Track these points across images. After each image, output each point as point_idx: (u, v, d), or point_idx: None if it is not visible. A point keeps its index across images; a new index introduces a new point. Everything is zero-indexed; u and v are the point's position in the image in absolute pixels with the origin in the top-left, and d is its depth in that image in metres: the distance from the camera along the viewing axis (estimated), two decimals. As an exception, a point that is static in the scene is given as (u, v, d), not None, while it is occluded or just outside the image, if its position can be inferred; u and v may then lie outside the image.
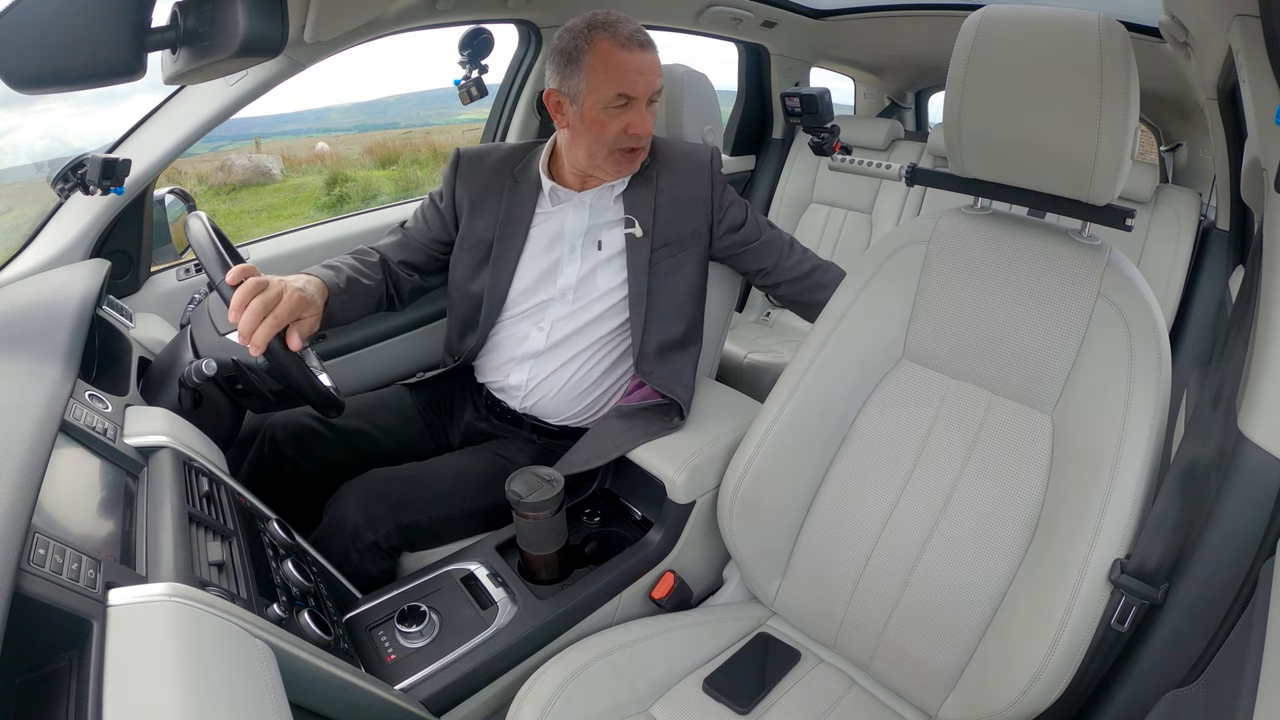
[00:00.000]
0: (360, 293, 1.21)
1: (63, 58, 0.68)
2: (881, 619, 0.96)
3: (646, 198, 1.24)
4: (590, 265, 1.24)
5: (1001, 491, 0.90)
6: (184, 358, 1.07)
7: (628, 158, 1.18)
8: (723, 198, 1.26)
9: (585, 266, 1.25)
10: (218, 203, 7.40)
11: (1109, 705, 0.80)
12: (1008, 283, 0.93)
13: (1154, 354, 0.81)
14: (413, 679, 0.87)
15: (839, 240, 2.50)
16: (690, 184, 1.25)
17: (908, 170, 1.12)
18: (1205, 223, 1.88)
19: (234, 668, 0.56)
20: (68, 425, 0.73)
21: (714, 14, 2.15)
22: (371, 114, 11.43)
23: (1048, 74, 0.79)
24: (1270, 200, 0.78)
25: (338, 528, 1.10)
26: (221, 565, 0.69)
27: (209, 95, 1.32)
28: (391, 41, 1.55)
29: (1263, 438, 0.69)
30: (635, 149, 1.18)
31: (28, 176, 5.45)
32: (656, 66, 1.14)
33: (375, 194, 7.79)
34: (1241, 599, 0.69)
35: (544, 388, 1.28)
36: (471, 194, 1.29)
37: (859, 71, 3.04)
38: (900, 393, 1.01)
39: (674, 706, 0.93)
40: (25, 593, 0.49)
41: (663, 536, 1.11)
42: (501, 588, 1.00)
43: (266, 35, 0.74)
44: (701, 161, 1.26)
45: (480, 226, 1.28)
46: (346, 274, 1.18)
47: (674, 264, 1.25)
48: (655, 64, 1.14)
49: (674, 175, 1.25)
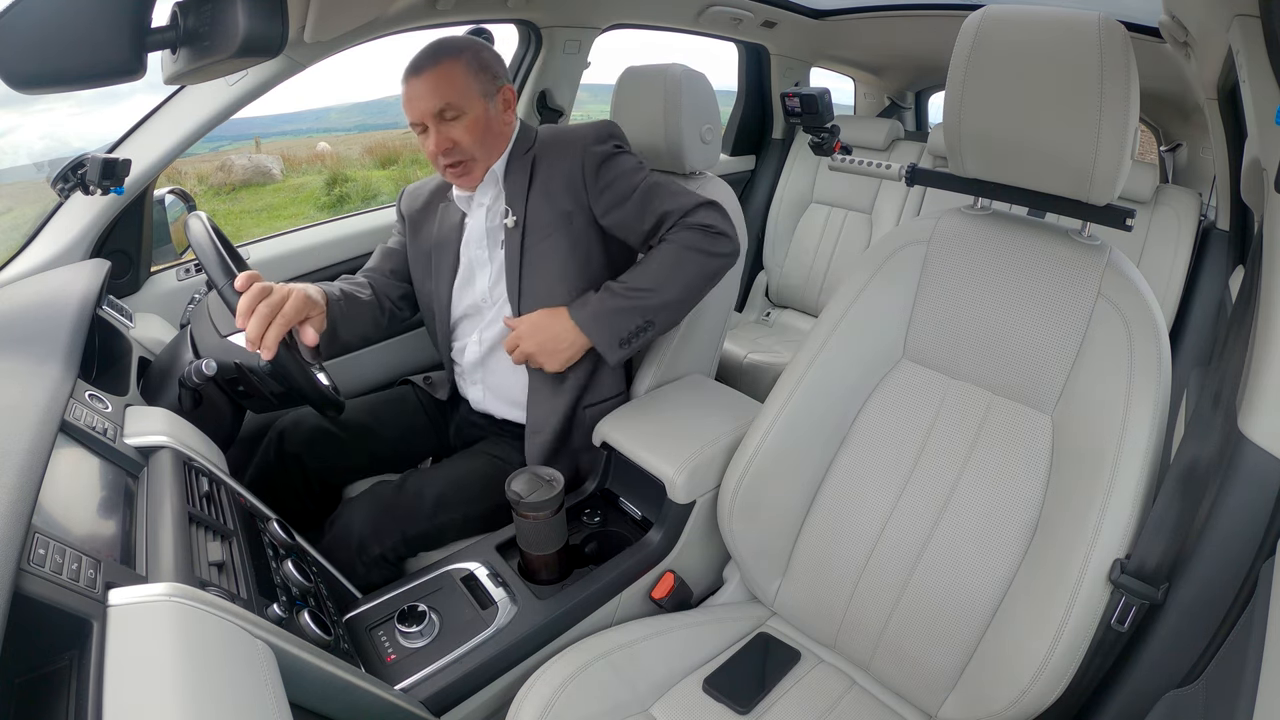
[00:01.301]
0: (359, 306, 1.27)
1: (63, 58, 0.68)
2: (881, 619, 0.96)
3: (521, 186, 1.22)
4: (498, 265, 1.25)
5: (1001, 491, 0.90)
6: (184, 358, 1.07)
7: (451, 173, 1.19)
8: (598, 174, 1.19)
9: (494, 268, 1.25)
10: (218, 203, 7.39)
11: (1109, 705, 0.80)
12: (1008, 283, 0.93)
13: (1154, 354, 0.81)
14: (413, 679, 0.87)
15: (839, 240, 2.50)
16: (562, 165, 1.21)
17: (908, 170, 1.12)
18: (1205, 223, 1.88)
19: (234, 668, 0.56)
20: (68, 425, 0.73)
21: (714, 14, 2.15)
22: (371, 114, 11.42)
23: (1048, 74, 0.79)
24: (1270, 200, 0.78)
25: (343, 541, 1.11)
26: (221, 565, 0.69)
27: (209, 95, 1.32)
28: (391, 41, 1.55)
29: (1263, 438, 0.69)
30: (449, 165, 1.17)
31: (28, 176, 5.45)
32: (428, 89, 1.11)
33: (375, 194, 7.79)
34: (1241, 599, 0.69)
35: (498, 394, 1.31)
36: (412, 215, 1.36)
37: (859, 71, 3.04)
38: (900, 392, 1.01)
39: (674, 706, 0.93)
40: (25, 593, 0.49)
41: (663, 536, 1.11)
42: (501, 588, 1.00)
43: (266, 35, 0.74)
44: (578, 141, 1.21)
45: (421, 244, 1.34)
46: (339, 288, 1.25)
47: (545, 248, 1.21)
48: (426, 88, 1.11)
49: (550, 158, 1.22)
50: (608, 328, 1.12)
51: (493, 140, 1.20)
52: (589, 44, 1.99)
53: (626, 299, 1.12)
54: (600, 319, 1.13)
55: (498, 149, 1.22)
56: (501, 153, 1.23)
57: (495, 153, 1.22)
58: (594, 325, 1.13)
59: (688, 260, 1.13)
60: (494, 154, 1.21)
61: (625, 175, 1.19)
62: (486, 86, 1.17)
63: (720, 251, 1.15)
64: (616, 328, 1.12)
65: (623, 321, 1.12)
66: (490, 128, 1.18)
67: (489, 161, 1.21)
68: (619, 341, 1.13)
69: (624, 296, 1.13)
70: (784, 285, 2.63)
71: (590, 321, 1.13)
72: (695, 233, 1.14)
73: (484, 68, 1.16)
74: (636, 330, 1.13)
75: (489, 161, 1.21)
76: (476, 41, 1.19)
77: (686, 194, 1.18)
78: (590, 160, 1.19)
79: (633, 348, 1.14)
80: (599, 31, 1.97)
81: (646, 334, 1.14)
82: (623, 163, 1.20)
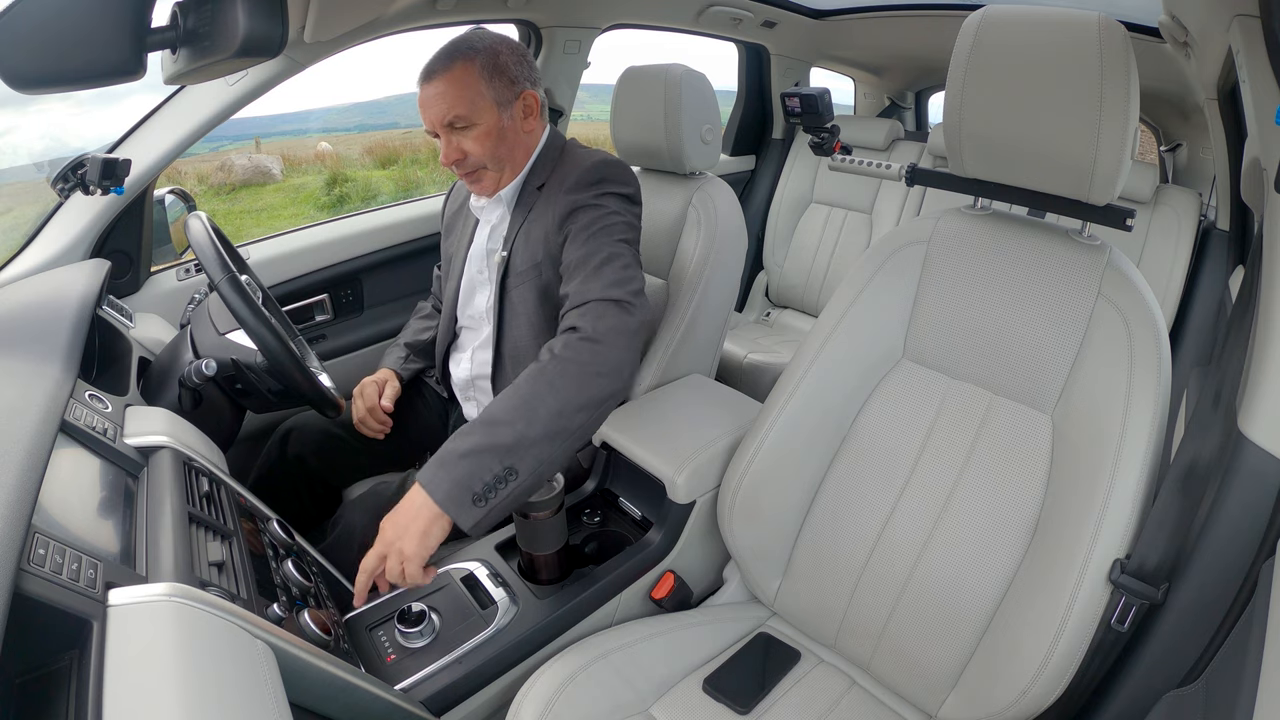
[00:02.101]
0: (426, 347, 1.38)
1: (63, 58, 0.68)
2: (882, 619, 0.96)
3: (520, 218, 1.16)
4: (494, 290, 1.20)
5: (1001, 491, 0.90)
6: (184, 358, 1.07)
7: (467, 180, 1.16)
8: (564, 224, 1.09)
9: (492, 291, 1.21)
10: (218, 203, 7.39)
11: (1109, 705, 0.80)
12: (1008, 283, 0.93)
13: (1154, 354, 0.81)
14: (413, 679, 0.87)
15: (839, 240, 2.50)
16: (548, 208, 1.12)
17: (908, 170, 1.12)
18: (1205, 223, 1.88)
19: (234, 668, 0.56)
20: (68, 425, 0.73)
21: (714, 14, 2.15)
22: (371, 114, 11.42)
23: (1048, 74, 0.79)
24: (1270, 200, 0.78)
25: (345, 542, 1.11)
26: (221, 565, 0.69)
27: (209, 95, 1.32)
28: (391, 41, 1.55)
29: (1263, 438, 0.69)
30: (466, 173, 1.13)
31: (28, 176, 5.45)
32: (439, 96, 1.06)
33: (375, 194, 7.79)
34: (1241, 599, 0.69)
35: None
36: (449, 216, 1.35)
37: (859, 71, 3.04)
38: (900, 393, 1.01)
39: (674, 706, 0.93)
40: (25, 593, 0.49)
41: (663, 536, 1.11)
42: (501, 588, 1.00)
43: (266, 35, 0.74)
44: (571, 183, 1.10)
45: (449, 246, 1.34)
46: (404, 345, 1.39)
47: (520, 294, 1.15)
48: (438, 94, 1.06)
49: (549, 193, 1.14)
50: (452, 479, 0.84)
51: (507, 150, 1.13)
52: (589, 44, 1.99)
53: (475, 437, 0.86)
54: (444, 468, 0.85)
55: (514, 159, 1.15)
56: (520, 163, 1.16)
57: (511, 162, 1.15)
58: (436, 479, 0.85)
59: (556, 381, 0.89)
60: (509, 163, 1.15)
61: (581, 231, 1.06)
62: (502, 94, 1.09)
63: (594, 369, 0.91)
64: (465, 479, 0.84)
65: (472, 470, 0.84)
66: (504, 138, 1.11)
67: (503, 172, 1.15)
68: (471, 497, 0.83)
69: (473, 434, 0.86)
70: (784, 285, 2.63)
71: (431, 474, 0.85)
72: (566, 342, 0.93)
73: (499, 72, 1.08)
74: (494, 481, 0.84)
75: (503, 172, 1.15)
76: (496, 42, 1.11)
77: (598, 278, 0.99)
78: (563, 207, 1.10)
79: (493, 506, 0.85)
80: (599, 31, 1.97)
81: (508, 487, 0.85)
82: (589, 218, 1.07)
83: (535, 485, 0.89)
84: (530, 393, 0.88)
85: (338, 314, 1.75)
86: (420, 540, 0.83)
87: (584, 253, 1.03)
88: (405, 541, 0.83)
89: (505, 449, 0.85)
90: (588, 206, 1.08)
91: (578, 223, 1.07)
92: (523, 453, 0.85)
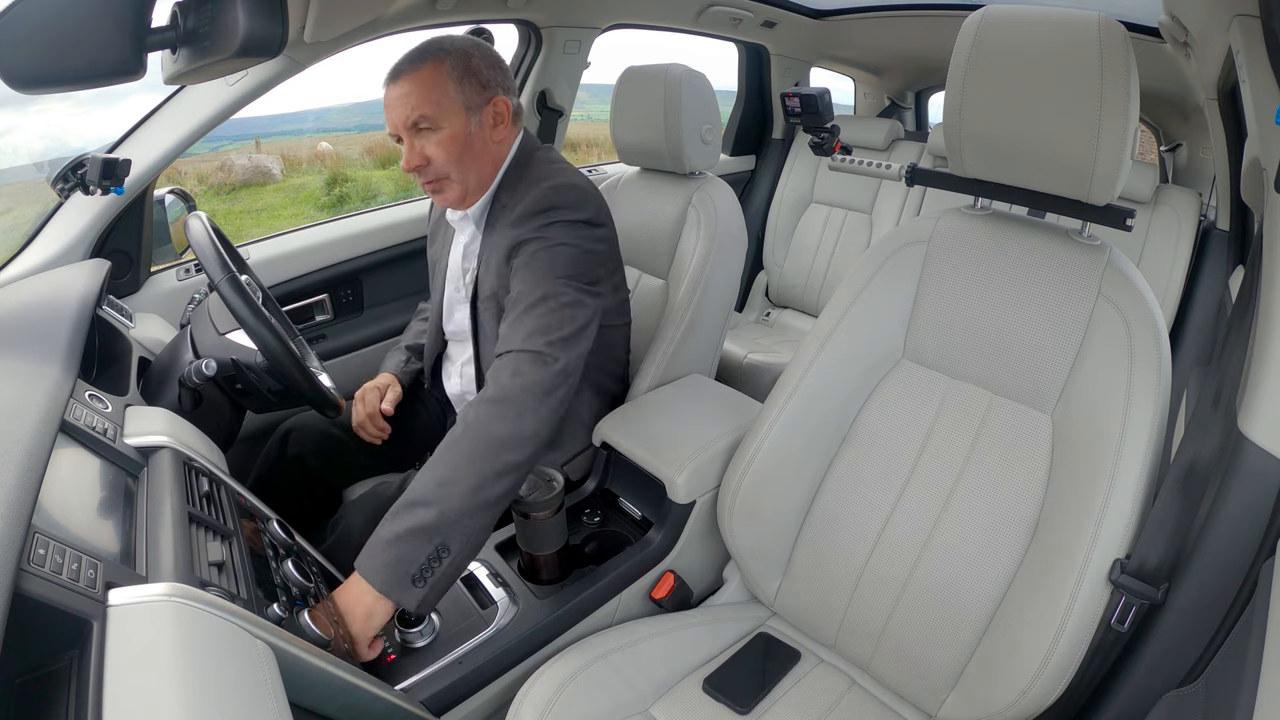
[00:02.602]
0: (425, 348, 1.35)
1: (63, 58, 0.68)
2: (882, 619, 0.96)
3: (489, 235, 1.11)
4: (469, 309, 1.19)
5: (1001, 491, 0.90)
6: (184, 358, 1.07)
7: (429, 189, 1.09)
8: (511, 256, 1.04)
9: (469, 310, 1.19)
10: (218, 203, 7.39)
11: (1109, 705, 0.80)
12: (1008, 283, 0.93)
13: (1154, 354, 0.81)
14: (413, 679, 0.87)
15: (839, 240, 2.50)
16: (504, 237, 1.06)
17: (908, 170, 1.12)
18: (1205, 223, 1.88)
19: (234, 668, 0.56)
20: (68, 425, 0.73)
21: (714, 14, 2.15)
22: (371, 114, 11.39)
23: (1048, 74, 0.79)
24: (1270, 200, 0.78)
25: (345, 543, 1.11)
26: (221, 565, 0.69)
27: (209, 95, 1.32)
28: (391, 41, 1.55)
29: (1263, 438, 0.69)
30: (427, 183, 1.07)
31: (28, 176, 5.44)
32: (404, 96, 1.01)
33: (375, 194, 7.79)
34: (1241, 599, 0.69)
35: None
36: (432, 224, 1.34)
37: (859, 71, 3.04)
38: (900, 393, 1.01)
39: (674, 706, 0.93)
40: (25, 593, 0.49)
41: (663, 536, 1.11)
42: (501, 588, 1.00)
43: (266, 35, 0.74)
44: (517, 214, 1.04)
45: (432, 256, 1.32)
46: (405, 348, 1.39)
47: (486, 318, 1.12)
48: (403, 94, 1.01)
49: (506, 220, 1.07)
50: (387, 565, 0.83)
51: (472, 160, 1.06)
52: (589, 44, 1.99)
53: (403, 520, 0.84)
54: (378, 555, 0.84)
55: (479, 171, 1.08)
56: (486, 178, 1.10)
57: (476, 174, 1.08)
58: (371, 566, 0.83)
59: (472, 453, 0.87)
60: (474, 175, 1.08)
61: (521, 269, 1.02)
62: (472, 98, 1.04)
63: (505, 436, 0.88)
64: (402, 563, 0.83)
65: (405, 553, 0.83)
66: (470, 146, 1.05)
67: (467, 184, 1.08)
68: (410, 579, 0.82)
69: (400, 516, 0.85)
70: (784, 285, 2.63)
71: (366, 562, 0.84)
72: (479, 403, 0.91)
73: (470, 74, 1.03)
74: (429, 561, 0.83)
75: (467, 184, 1.08)
76: (468, 45, 1.06)
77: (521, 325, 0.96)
78: (509, 240, 1.05)
79: (434, 583, 0.84)
80: (599, 31, 1.97)
81: (444, 564, 0.84)
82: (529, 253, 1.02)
83: (472, 554, 0.88)
84: (448, 468, 0.87)
85: (338, 314, 1.75)
86: (365, 621, 0.83)
87: (519, 292, 1.00)
88: (351, 622, 0.83)
89: (432, 528, 0.84)
90: (529, 240, 1.03)
91: (520, 257, 1.03)
92: (449, 529, 0.84)
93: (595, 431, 1.22)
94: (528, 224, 1.03)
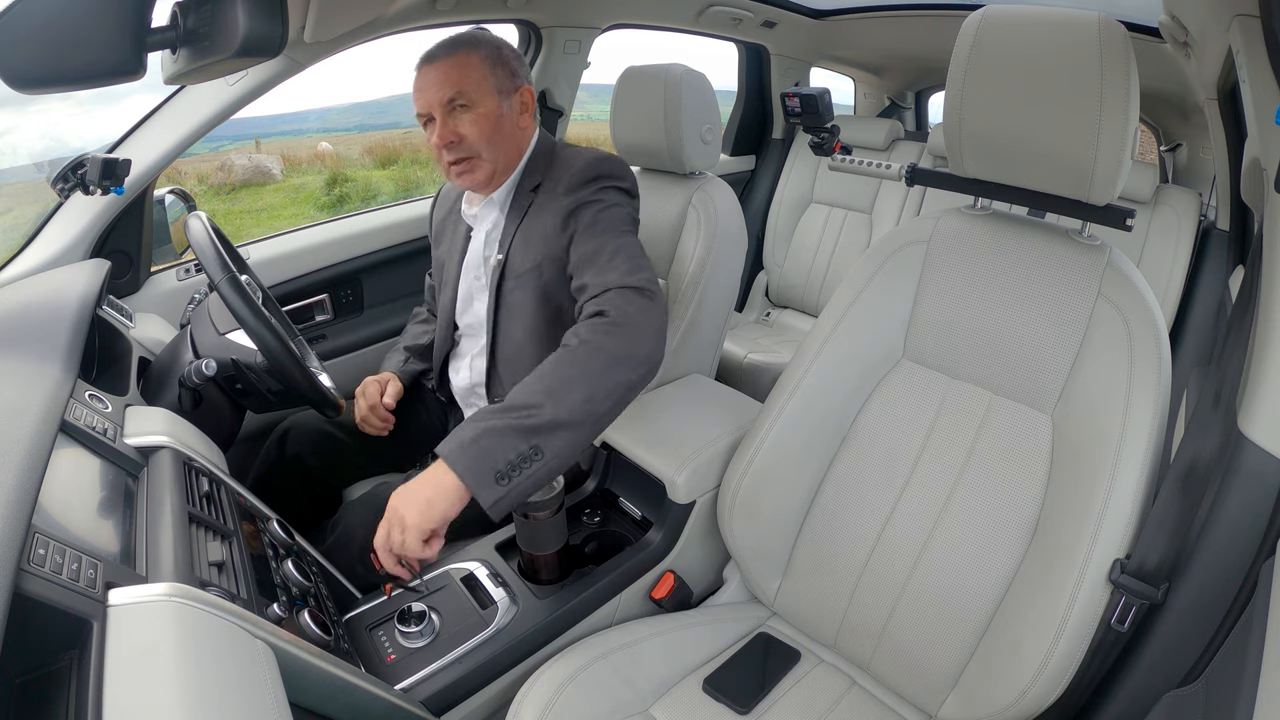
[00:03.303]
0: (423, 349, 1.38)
1: (63, 58, 0.68)
2: (882, 619, 0.96)
3: (515, 221, 1.15)
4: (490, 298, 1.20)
5: (1001, 491, 0.90)
6: (184, 358, 1.07)
7: (454, 170, 1.13)
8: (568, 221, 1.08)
9: (489, 298, 1.20)
10: (218, 203, 7.39)
11: (1109, 705, 0.80)
12: (1008, 283, 0.93)
13: (1154, 354, 0.81)
14: (413, 679, 0.87)
15: (839, 240, 2.50)
16: (547, 209, 1.11)
17: (908, 170, 1.12)
18: (1205, 223, 1.88)
19: (234, 667, 0.56)
20: (68, 425, 0.73)
21: (714, 14, 2.15)
22: (371, 114, 11.42)
23: (1048, 74, 0.79)
24: (1270, 200, 0.78)
25: (344, 544, 1.11)
26: (221, 565, 0.69)
27: (209, 95, 1.32)
28: (391, 41, 1.55)
29: (1263, 438, 0.69)
30: (453, 162, 1.11)
31: (27, 176, 5.45)
32: (439, 77, 1.06)
33: (375, 194, 7.79)
34: (1241, 599, 0.69)
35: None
36: (438, 223, 1.35)
37: (859, 71, 3.04)
38: (900, 393, 1.01)
39: (674, 706, 0.93)
40: (25, 593, 0.49)
41: (663, 536, 1.11)
42: (501, 588, 1.00)
43: (266, 35, 0.74)
44: (565, 181, 1.10)
45: (440, 254, 1.33)
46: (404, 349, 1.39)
47: (518, 298, 1.15)
48: (438, 76, 1.06)
49: (544, 195, 1.13)
50: (474, 454, 0.82)
51: (502, 141, 1.12)
52: (589, 44, 1.99)
53: (502, 418, 0.84)
54: (466, 444, 0.82)
55: (508, 154, 1.14)
56: (513, 162, 1.16)
57: (504, 157, 1.14)
58: (460, 453, 0.82)
59: (587, 366, 0.88)
60: (502, 158, 1.14)
61: (587, 228, 1.06)
62: (503, 84, 1.11)
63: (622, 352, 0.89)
64: (491, 455, 0.82)
65: (496, 447, 0.82)
66: (501, 127, 1.11)
67: (496, 164, 1.13)
68: (495, 475, 0.81)
69: (499, 415, 0.84)
70: (784, 285, 2.63)
71: (457, 450, 0.83)
72: (593, 327, 0.91)
73: (502, 63, 1.11)
74: (519, 460, 0.82)
75: (496, 164, 1.13)
76: (498, 38, 1.13)
77: (613, 268, 0.98)
78: (562, 208, 1.09)
79: (515, 486, 0.83)
80: (599, 31, 1.97)
81: (533, 467, 0.83)
82: (592, 214, 1.07)
83: (558, 470, 0.86)
84: (559, 377, 0.86)
85: (338, 314, 1.75)
86: (424, 509, 0.81)
87: (594, 246, 1.03)
88: (408, 508, 0.81)
89: (532, 430, 0.83)
90: (590, 203, 1.09)
91: (582, 220, 1.07)
92: (549, 435, 0.83)
93: (595, 431, 1.21)
94: (583, 190, 1.09)
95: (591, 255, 1.02)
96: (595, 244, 1.03)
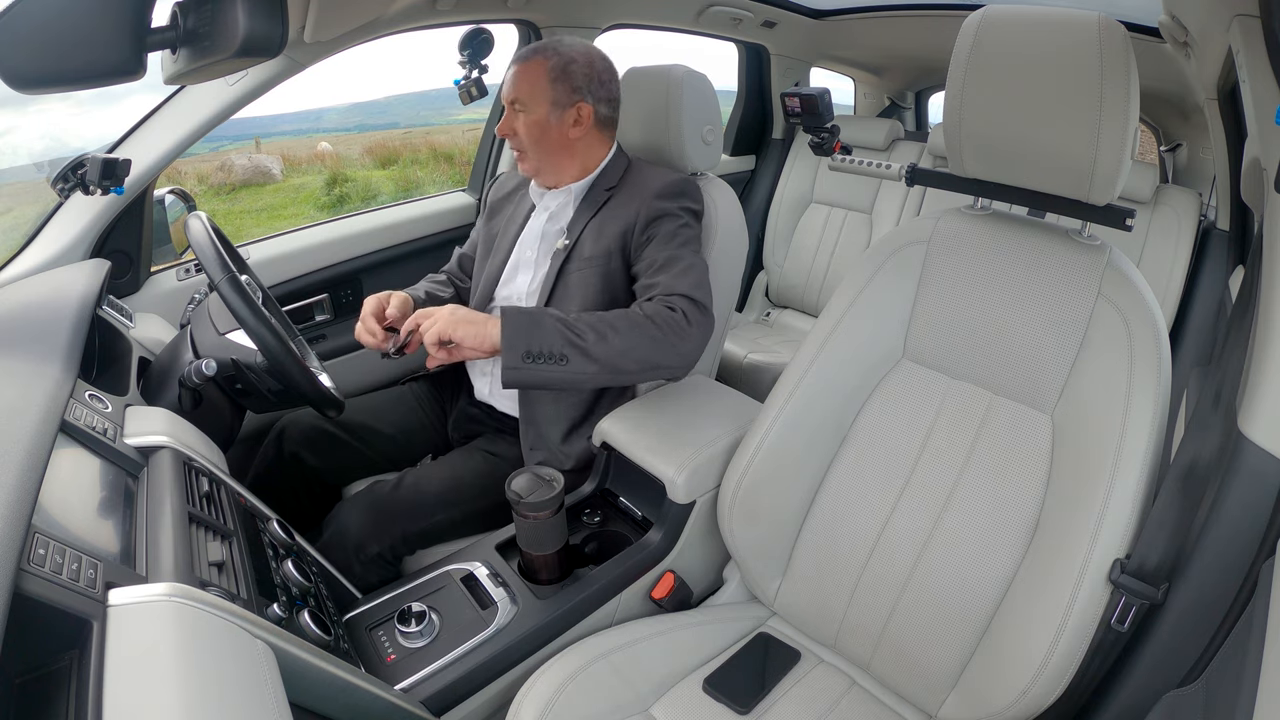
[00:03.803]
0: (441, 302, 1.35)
1: (63, 58, 0.68)
2: (882, 619, 0.96)
3: (587, 214, 1.25)
4: (542, 274, 1.28)
5: (1001, 491, 0.90)
6: (184, 358, 1.07)
7: (518, 156, 1.26)
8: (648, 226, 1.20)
9: (539, 274, 1.28)
10: (218, 203, 7.39)
11: (1109, 705, 0.80)
12: (1008, 283, 0.93)
13: (1154, 354, 0.81)
14: (413, 679, 0.87)
15: (839, 240, 2.50)
16: (628, 206, 1.22)
17: (908, 170, 1.12)
18: (1205, 223, 1.88)
19: (234, 667, 0.56)
20: (68, 425, 0.73)
21: (714, 14, 2.15)
22: (371, 114, 11.42)
23: (1048, 74, 0.79)
24: (1270, 200, 0.78)
25: (340, 541, 1.11)
26: (221, 565, 0.69)
27: (209, 95, 1.32)
28: (391, 41, 1.55)
29: (1263, 438, 0.69)
30: (517, 149, 1.24)
31: (27, 176, 5.44)
32: (514, 78, 1.21)
33: (375, 194, 7.79)
34: (1241, 599, 0.69)
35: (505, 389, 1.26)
36: (494, 201, 1.42)
37: (859, 71, 3.04)
38: (900, 393, 1.01)
39: (674, 706, 0.93)
40: (25, 593, 0.49)
41: (663, 536, 1.11)
42: (501, 588, 1.00)
43: (266, 35, 0.74)
44: (649, 189, 1.22)
45: (492, 226, 1.39)
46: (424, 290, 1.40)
47: (579, 278, 1.23)
48: (513, 76, 1.21)
49: (623, 198, 1.24)
50: (526, 328, 1.00)
51: (548, 147, 1.22)
52: (589, 44, 1.99)
53: (559, 324, 1.02)
54: (526, 319, 1.01)
55: (554, 158, 1.24)
56: (560, 166, 1.26)
57: (549, 160, 1.24)
58: (517, 317, 1.01)
59: (639, 329, 1.04)
60: (547, 160, 1.24)
61: (667, 237, 1.18)
62: (561, 96, 1.20)
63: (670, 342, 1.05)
64: (533, 337, 0.99)
65: (543, 337, 1.00)
66: (545, 135, 1.21)
67: (541, 163, 1.24)
68: (525, 351, 0.99)
69: (559, 321, 1.02)
70: (784, 285, 2.63)
71: (516, 315, 1.01)
72: (660, 311, 1.07)
73: (565, 78, 1.20)
74: (549, 354, 1.00)
75: (541, 163, 1.24)
76: (577, 53, 1.22)
77: (685, 279, 1.12)
78: (648, 211, 1.20)
79: (533, 371, 1.00)
80: (599, 31, 1.97)
81: (550, 367, 1.00)
82: (674, 226, 1.20)
83: (568, 384, 1.06)
84: (610, 323, 1.03)
85: (338, 314, 1.75)
86: (461, 323, 1.00)
87: (669, 254, 1.16)
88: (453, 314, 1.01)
89: (571, 344, 1.00)
90: (672, 215, 1.21)
91: (663, 228, 1.19)
92: (580, 356, 1.00)
93: (595, 431, 1.22)
94: (671, 201, 1.21)
95: (667, 261, 1.15)
96: (672, 253, 1.16)
